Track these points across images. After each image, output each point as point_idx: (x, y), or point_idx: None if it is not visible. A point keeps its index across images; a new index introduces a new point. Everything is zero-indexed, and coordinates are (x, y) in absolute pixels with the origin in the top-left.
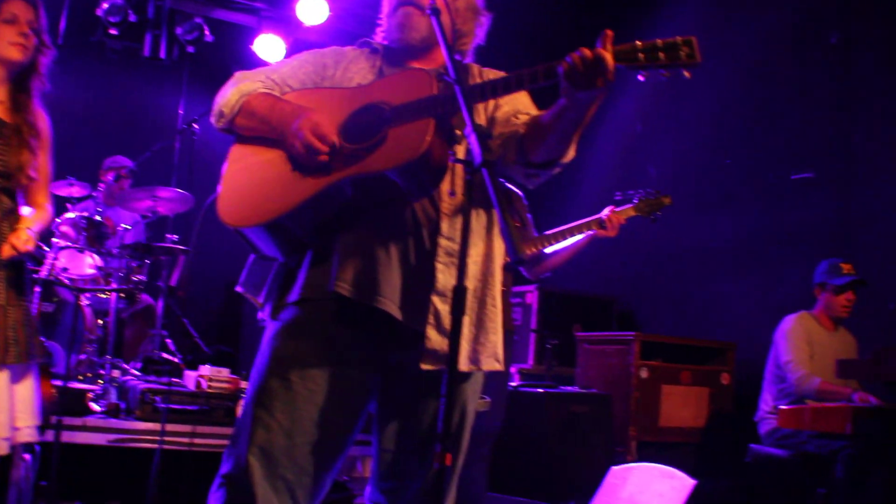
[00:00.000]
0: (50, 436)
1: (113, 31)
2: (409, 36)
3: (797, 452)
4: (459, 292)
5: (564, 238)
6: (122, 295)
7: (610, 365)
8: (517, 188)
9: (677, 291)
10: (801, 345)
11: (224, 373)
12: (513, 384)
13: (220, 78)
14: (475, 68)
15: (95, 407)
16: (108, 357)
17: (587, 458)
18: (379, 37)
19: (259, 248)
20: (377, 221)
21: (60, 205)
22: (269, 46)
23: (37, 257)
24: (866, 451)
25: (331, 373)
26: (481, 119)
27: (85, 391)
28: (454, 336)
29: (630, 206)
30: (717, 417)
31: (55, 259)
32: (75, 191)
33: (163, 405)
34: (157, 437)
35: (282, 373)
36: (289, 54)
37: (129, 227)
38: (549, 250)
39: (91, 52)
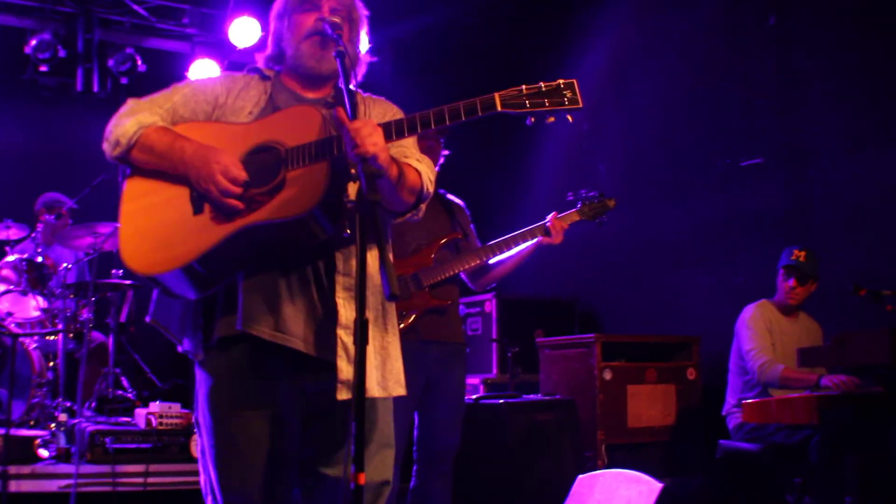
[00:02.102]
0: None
1: (43, 68)
2: (322, 67)
3: (767, 445)
4: (361, 325)
5: (508, 247)
6: (71, 335)
7: (573, 369)
8: (459, 199)
9: (638, 288)
10: (763, 333)
11: (175, 408)
12: (473, 397)
13: None
14: (359, 96)
15: (44, 453)
16: (59, 400)
17: (556, 467)
18: (261, 62)
19: (169, 289)
20: (279, 260)
21: None
22: (204, 71)
23: None
24: (836, 437)
25: (263, 413)
26: None
27: (32, 438)
28: (360, 364)
29: (573, 210)
30: (686, 414)
31: None
32: (13, 233)
33: (112, 446)
34: (109, 480)
35: (223, 427)
36: None
37: (70, 267)
38: (493, 261)
39: (23, 91)
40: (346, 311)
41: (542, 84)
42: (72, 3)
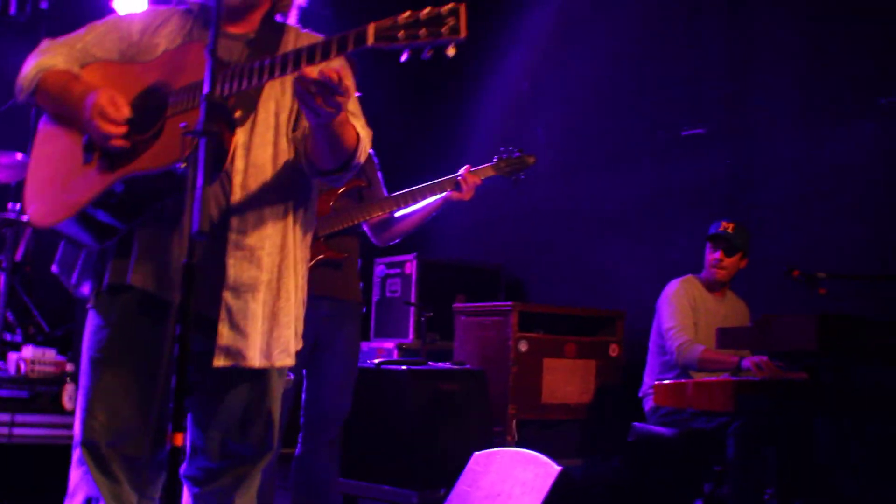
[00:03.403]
0: None
1: None
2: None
3: (683, 430)
4: (188, 269)
5: (415, 200)
6: None
7: (487, 338)
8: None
9: (569, 258)
10: (685, 311)
11: (49, 354)
12: (375, 361)
13: None
14: (292, 32)
15: None
16: None
17: (460, 441)
18: None
19: (70, 238)
20: (170, 212)
21: None
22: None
23: None
24: (755, 425)
25: (144, 364)
26: (286, 111)
27: None
28: (184, 314)
29: (488, 165)
30: (605, 392)
31: None
32: None
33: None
34: None
35: (99, 371)
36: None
37: None
38: (398, 214)
39: None
40: (235, 272)
41: (423, 11)
42: None
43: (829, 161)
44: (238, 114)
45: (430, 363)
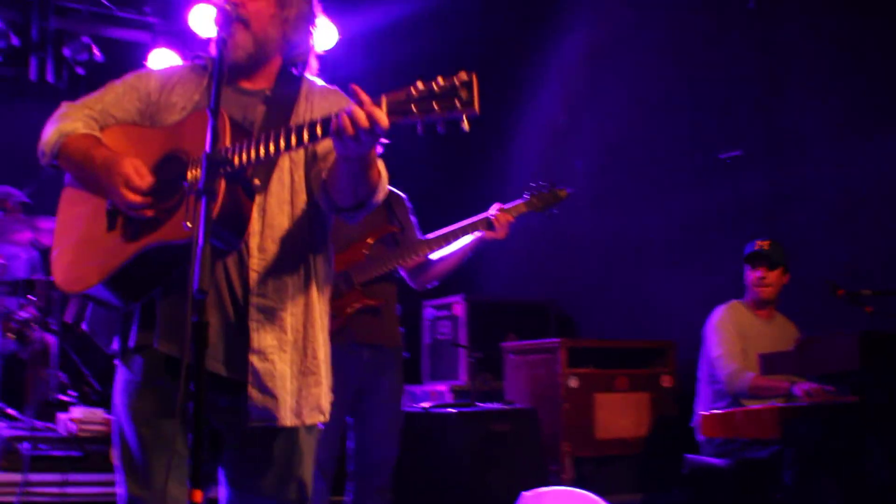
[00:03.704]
0: None
1: None
2: (234, 55)
3: (737, 460)
4: (198, 327)
5: (448, 242)
6: (11, 335)
7: (537, 376)
8: (399, 191)
9: (616, 290)
10: (732, 337)
11: (98, 414)
12: (423, 405)
13: None
14: (305, 84)
15: None
16: None
17: (513, 481)
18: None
19: (97, 301)
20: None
21: None
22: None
23: None
24: (808, 452)
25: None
26: (300, 167)
27: None
28: (198, 368)
29: (521, 202)
30: (660, 425)
31: None
32: None
33: (29, 453)
34: (20, 489)
35: (132, 434)
36: None
37: (5, 263)
38: (434, 256)
39: None
40: (258, 336)
41: (435, 82)
42: None
43: (869, 176)
44: (257, 182)
45: (478, 404)
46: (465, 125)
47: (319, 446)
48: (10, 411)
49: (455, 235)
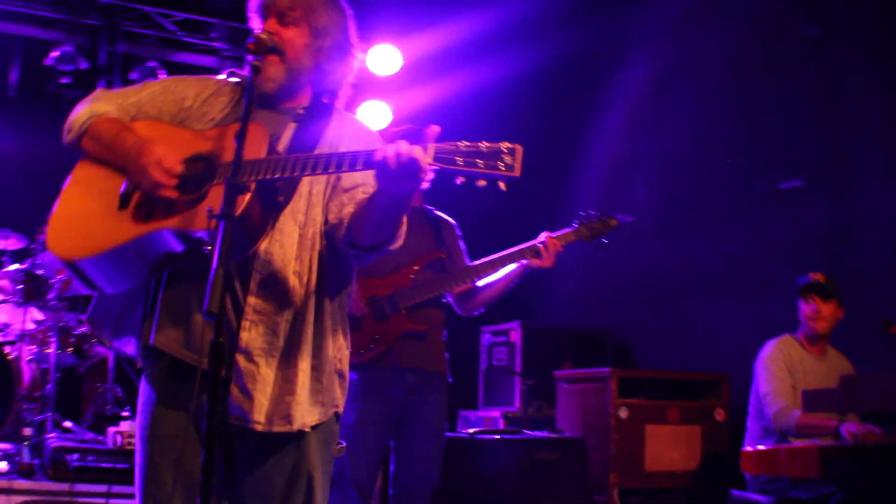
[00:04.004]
0: None
1: (65, 80)
2: (265, 87)
3: (781, 499)
4: (216, 347)
5: (495, 269)
6: (69, 349)
7: (588, 405)
8: (449, 217)
9: (674, 320)
10: (782, 374)
11: None
12: (469, 431)
13: None
14: (335, 113)
15: (2, 465)
16: (48, 414)
17: None
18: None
19: (85, 277)
20: (196, 274)
21: None
22: None
23: None
24: (853, 497)
25: (187, 430)
26: (321, 183)
27: None
28: (213, 390)
29: (569, 230)
30: (711, 458)
31: None
32: (11, 243)
33: (76, 464)
34: (66, 499)
35: (147, 444)
36: None
37: (68, 278)
38: (481, 283)
39: (48, 104)
40: (248, 335)
41: (483, 143)
42: (98, 15)
43: None
44: (281, 199)
45: (525, 432)
46: (503, 187)
47: (359, 467)
48: (67, 424)
49: (501, 263)
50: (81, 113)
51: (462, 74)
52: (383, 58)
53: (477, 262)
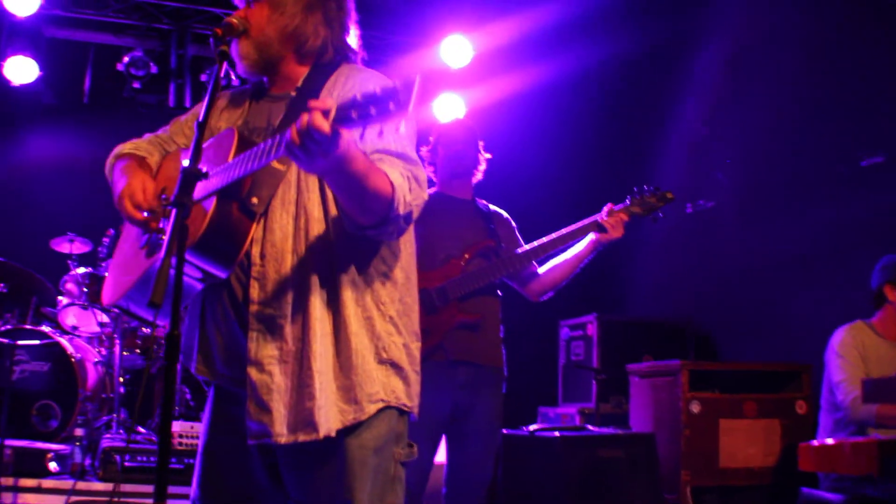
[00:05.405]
0: (8, 498)
1: (136, 85)
2: (242, 69)
3: (852, 496)
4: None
5: (548, 251)
6: (138, 350)
7: (659, 400)
8: (503, 211)
9: (755, 308)
10: (855, 361)
11: (197, 428)
12: (530, 428)
13: None
14: (335, 74)
15: (53, 466)
16: (112, 416)
17: None
18: None
19: (134, 315)
20: (204, 295)
21: (61, 261)
22: None
23: None
24: None
25: (232, 439)
26: None
27: (45, 451)
28: (168, 394)
29: (623, 205)
30: (792, 454)
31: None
32: (76, 246)
33: (125, 464)
34: (112, 498)
35: (199, 458)
36: None
37: None
38: (546, 267)
39: (123, 108)
40: (256, 346)
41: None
42: (168, 19)
43: None
44: (254, 200)
45: (589, 428)
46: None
47: (408, 468)
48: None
49: (555, 244)
50: (109, 159)
51: (536, 65)
52: (454, 49)
53: (529, 247)
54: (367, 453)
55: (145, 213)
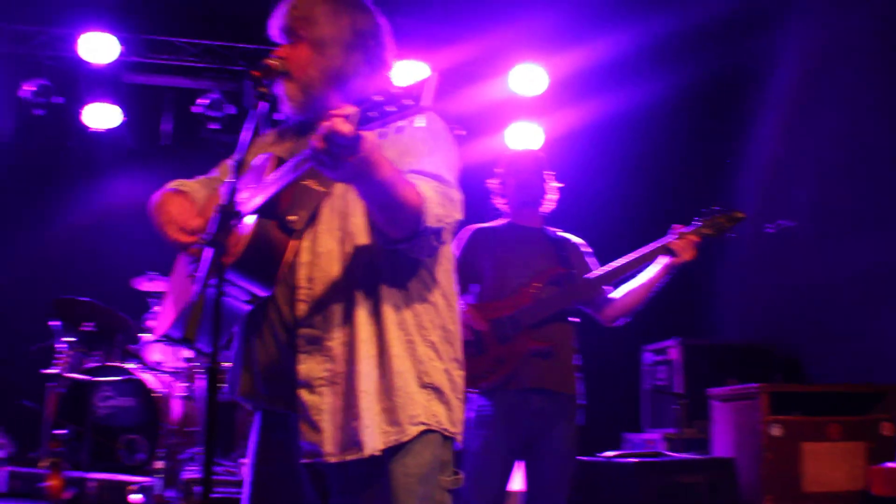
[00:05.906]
0: None
1: (213, 126)
2: (286, 109)
3: None
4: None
5: (618, 276)
6: (220, 384)
7: (739, 424)
8: (577, 238)
9: (844, 330)
10: None
11: None
12: (607, 454)
13: None
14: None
15: (135, 498)
16: (197, 449)
17: None
18: None
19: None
20: (251, 319)
21: (142, 300)
22: None
23: None
24: None
25: (280, 465)
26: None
27: (125, 483)
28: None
29: (693, 228)
30: None
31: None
32: (157, 285)
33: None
34: None
35: (251, 485)
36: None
37: None
38: (620, 292)
39: (203, 149)
40: (306, 367)
41: (398, 88)
42: (243, 61)
43: None
44: (292, 218)
45: (667, 453)
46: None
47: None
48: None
49: (625, 269)
50: (159, 192)
51: (611, 92)
52: (529, 77)
53: (600, 272)
54: (412, 481)
55: (190, 236)
